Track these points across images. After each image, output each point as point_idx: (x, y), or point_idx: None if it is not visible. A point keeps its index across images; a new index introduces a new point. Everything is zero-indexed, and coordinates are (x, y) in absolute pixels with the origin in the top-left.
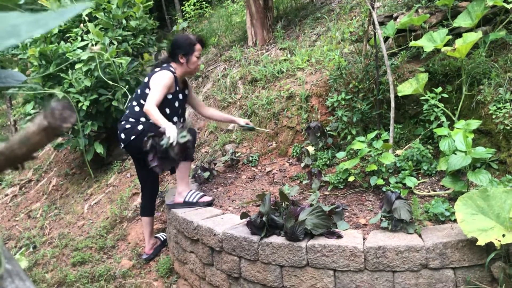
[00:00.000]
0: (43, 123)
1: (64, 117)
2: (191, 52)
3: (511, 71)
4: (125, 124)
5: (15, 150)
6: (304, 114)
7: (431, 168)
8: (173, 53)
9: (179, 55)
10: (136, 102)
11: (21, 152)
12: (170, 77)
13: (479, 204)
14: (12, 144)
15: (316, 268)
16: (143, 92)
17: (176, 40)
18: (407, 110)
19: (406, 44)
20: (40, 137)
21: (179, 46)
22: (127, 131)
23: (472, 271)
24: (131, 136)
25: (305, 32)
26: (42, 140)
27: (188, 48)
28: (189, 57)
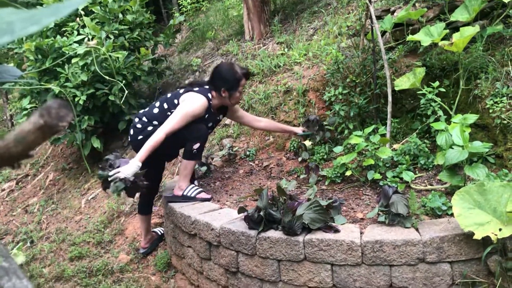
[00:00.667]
0: (39, 121)
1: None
2: (236, 88)
3: (508, 65)
4: (138, 122)
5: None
6: (302, 108)
7: (428, 163)
8: (216, 84)
9: (223, 89)
10: (160, 104)
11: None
12: (202, 105)
13: (476, 199)
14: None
15: (314, 262)
16: (171, 101)
17: (222, 72)
18: (404, 104)
19: (404, 38)
20: (36, 135)
21: (224, 80)
22: (137, 130)
23: (469, 264)
24: (139, 136)
25: (302, 26)
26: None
27: (234, 84)
28: (233, 93)
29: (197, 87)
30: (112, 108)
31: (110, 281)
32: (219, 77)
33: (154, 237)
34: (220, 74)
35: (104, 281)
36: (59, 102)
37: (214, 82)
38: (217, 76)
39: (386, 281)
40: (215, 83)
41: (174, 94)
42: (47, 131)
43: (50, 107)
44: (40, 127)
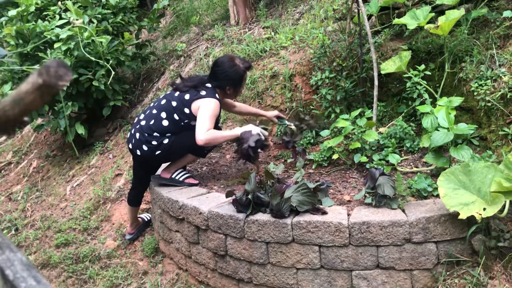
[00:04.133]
0: (38, 81)
1: (59, 75)
2: (240, 83)
3: (493, 49)
4: (149, 137)
5: (7, 111)
6: (288, 93)
7: (413, 145)
8: (220, 83)
9: (228, 87)
10: (167, 115)
11: (13, 114)
12: (218, 106)
13: (461, 179)
14: (3, 106)
15: (302, 244)
16: (181, 111)
17: (225, 71)
18: (390, 88)
19: (389, 22)
20: (34, 96)
21: (229, 78)
22: (152, 146)
23: (454, 244)
24: (156, 152)
25: (288, 10)
26: (36, 100)
27: (238, 81)
28: (238, 88)
29: (202, 89)
30: (96, 94)
31: (98, 267)
32: (223, 76)
33: (141, 223)
34: (224, 73)
35: (91, 267)
36: (57, 61)
37: (218, 80)
38: (221, 75)
39: (373, 262)
40: (219, 81)
41: (179, 101)
42: (46, 91)
43: (49, 66)
44: (39, 87)
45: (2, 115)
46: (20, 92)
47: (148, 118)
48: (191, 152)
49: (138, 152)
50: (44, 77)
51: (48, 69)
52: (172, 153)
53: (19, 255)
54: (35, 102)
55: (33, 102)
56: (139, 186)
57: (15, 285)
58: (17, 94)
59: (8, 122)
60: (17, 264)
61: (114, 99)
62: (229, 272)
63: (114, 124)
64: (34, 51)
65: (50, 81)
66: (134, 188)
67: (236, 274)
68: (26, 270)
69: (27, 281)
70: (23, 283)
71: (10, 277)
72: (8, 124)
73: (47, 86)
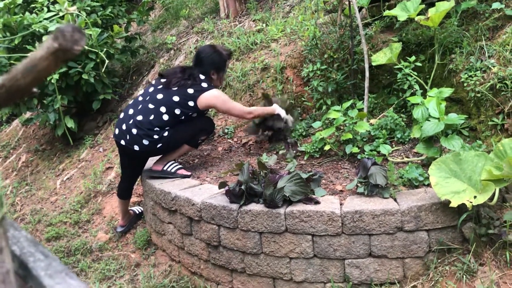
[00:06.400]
0: (53, 45)
1: (75, 39)
2: (224, 69)
3: (482, 40)
4: (150, 131)
5: (18, 80)
6: (279, 85)
7: (404, 136)
8: (204, 68)
9: (212, 71)
10: (167, 109)
11: (25, 82)
12: (220, 91)
13: (452, 168)
14: (15, 74)
15: (295, 233)
16: (185, 105)
17: (208, 56)
18: (381, 80)
19: (380, 14)
20: (49, 62)
21: (212, 62)
22: (153, 139)
23: (445, 232)
24: (158, 144)
25: (278, 3)
26: (50, 65)
27: (221, 64)
28: (221, 73)
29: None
30: (85, 87)
31: (89, 260)
32: (207, 61)
33: (132, 216)
34: (207, 58)
35: (83, 260)
36: (72, 26)
37: (202, 66)
38: (204, 60)
39: (365, 250)
40: (203, 67)
41: (182, 95)
42: (61, 56)
43: (64, 30)
44: (54, 51)
45: (13, 84)
46: (34, 58)
47: (146, 113)
48: (187, 142)
49: (137, 148)
50: (60, 41)
51: (64, 33)
52: (172, 144)
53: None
54: (48, 69)
55: (46, 68)
56: (129, 179)
57: (23, 260)
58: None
59: (18, 91)
60: (23, 240)
61: (104, 92)
62: (222, 263)
63: (104, 117)
64: (22, 44)
65: (66, 45)
66: (124, 181)
67: (230, 265)
68: (32, 246)
69: (34, 255)
70: (31, 257)
71: (17, 253)
72: (17, 94)
73: (63, 50)
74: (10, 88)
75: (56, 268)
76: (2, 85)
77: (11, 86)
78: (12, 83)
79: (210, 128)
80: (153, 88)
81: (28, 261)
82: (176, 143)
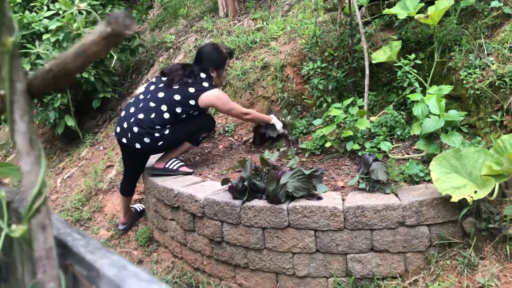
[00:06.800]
0: (106, 30)
1: (126, 24)
2: (223, 66)
3: (481, 38)
4: (153, 131)
5: (68, 64)
6: (279, 83)
7: (404, 133)
8: (204, 65)
9: (211, 69)
10: (168, 108)
11: (74, 66)
12: (221, 91)
13: (452, 164)
14: (64, 59)
15: (298, 228)
16: (185, 103)
17: (208, 53)
18: (380, 78)
19: (379, 12)
20: (100, 46)
21: (211, 59)
22: (155, 137)
23: (445, 227)
24: (159, 142)
25: (277, 2)
26: (101, 49)
27: (221, 62)
28: (221, 71)
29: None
30: (85, 85)
31: None
32: (206, 57)
33: (134, 213)
34: (207, 55)
35: None
36: (124, 12)
37: (202, 63)
38: (204, 58)
39: (367, 245)
40: (202, 64)
41: (183, 94)
42: (113, 40)
43: (117, 16)
44: (106, 36)
45: (62, 68)
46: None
47: (147, 112)
48: (188, 139)
49: (138, 146)
50: (113, 26)
51: (117, 19)
52: (173, 142)
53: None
54: (98, 53)
55: (96, 53)
56: (131, 177)
57: (61, 239)
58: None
59: (65, 76)
60: (57, 222)
61: (104, 91)
62: (225, 258)
63: (104, 116)
64: (22, 43)
65: (118, 30)
66: (126, 178)
67: (232, 260)
68: (67, 227)
69: (72, 235)
70: (69, 237)
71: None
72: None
73: (115, 35)
74: (57, 73)
75: (95, 246)
76: (50, 69)
77: (59, 70)
78: (61, 67)
79: (210, 125)
80: (154, 86)
81: (67, 240)
82: (177, 141)
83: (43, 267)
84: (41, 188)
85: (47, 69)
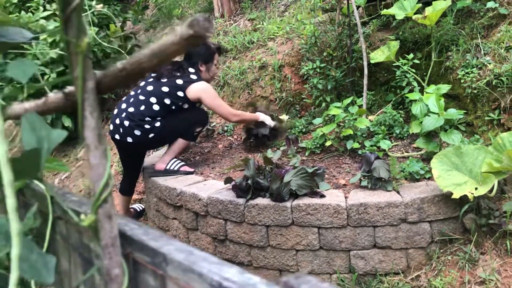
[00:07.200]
0: (188, 32)
1: (206, 27)
2: (211, 60)
3: (478, 38)
4: (142, 123)
5: (142, 63)
6: (278, 83)
7: (403, 132)
8: (193, 60)
9: (200, 63)
10: (157, 100)
11: (149, 65)
12: (210, 86)
13: (453, 161)
14: (140, 58)
15: (301, 226)
16: (174, 95)
17: (196, 48)
18: (378, 77)
19: (376, 13)
20: (178, 47)
21: (199, 54)
22: (145, 129)
23: (447, 223)
24: (150, 134)
25: (272, 2)
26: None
27: (208, 56)
28: (210, 65)
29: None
30: None
31: None
32: (194, 52)
33: (133, 214)
34: (195, 50)
35: None
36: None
37: (190, 58)
38: (192, 53)
39: (370, 241)
40: (191, 59)
41: (171, 86)
42: (192, 41)
43: (198, 19)
44: (188, 37)
45: (137, 67)
46: (164, 44)
47: (136, 105)
48: (182, 134)
49: (130, 139)
50: (195, 28)
51: (198, 22)
52: (165, 136)
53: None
54: (175, 53)
55: (173, 53)
56: (131, 174)
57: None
58: (160, 46)
59: (138, 74)
60: None
61: None
62: (229, 256)
63: (101, 116)
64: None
65: (200, 32)
66: (126, 178)
67: (236, 258)
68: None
69: (128, 225)
70: (126, 226)
71: None
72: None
73: (196, 36)
74: (131, 72)
75: (155, 234)
76: (123, 68)
77: (133, 69)
78: (135, 67)
79: (203, 120)
80: (144, 81)
81: (125, 230)
82: (170, 135)
83: (108, 254)
84: (108, 180)
85: (120, 68)
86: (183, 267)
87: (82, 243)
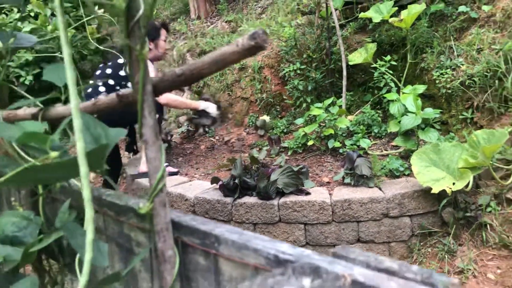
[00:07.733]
0: (250, 43)
1: (265, 39)
2: (158, 36)
3: (451, 40)
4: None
5: (203, 70)
6: (258, 84)
7: (381, 131)
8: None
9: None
10: (102, 82)
11: (208, 72)
12: (151, 65)
13: (432, 158)
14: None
15: (288, 223)
16: (115, 74)
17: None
18: (356, 78)
19: (353, 16)
20: (238, 56)
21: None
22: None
23: (426, 217)
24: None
25: (249, 4)
26: (238, 58)
27: (155, 33)
28: (157, 41)
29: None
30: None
31: None
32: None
33: None
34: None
35: None
36: (262, 29)
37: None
38: None
39: (354, 236)
40: None
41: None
42: (253, 51)
43: (258, 32)
44: (249, 48)
45: (196, 73)
46: (225, 53)
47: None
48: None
49: None
50: (257, 40)
51: (259, 35)
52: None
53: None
54: (233, 62)
55: (233, 61)
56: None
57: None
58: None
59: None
60: None
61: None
62: None
63: None
64: None
65: (260, 44)
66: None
67: None
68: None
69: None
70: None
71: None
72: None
73: (256, 47)
74: (189, 77)
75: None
76: (182, 73)
77: (192, 75)
78: (195, 72)
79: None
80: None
81: (173, 217)
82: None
83: (163, 237)
84: (163, 172)
85: (179, 73)
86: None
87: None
